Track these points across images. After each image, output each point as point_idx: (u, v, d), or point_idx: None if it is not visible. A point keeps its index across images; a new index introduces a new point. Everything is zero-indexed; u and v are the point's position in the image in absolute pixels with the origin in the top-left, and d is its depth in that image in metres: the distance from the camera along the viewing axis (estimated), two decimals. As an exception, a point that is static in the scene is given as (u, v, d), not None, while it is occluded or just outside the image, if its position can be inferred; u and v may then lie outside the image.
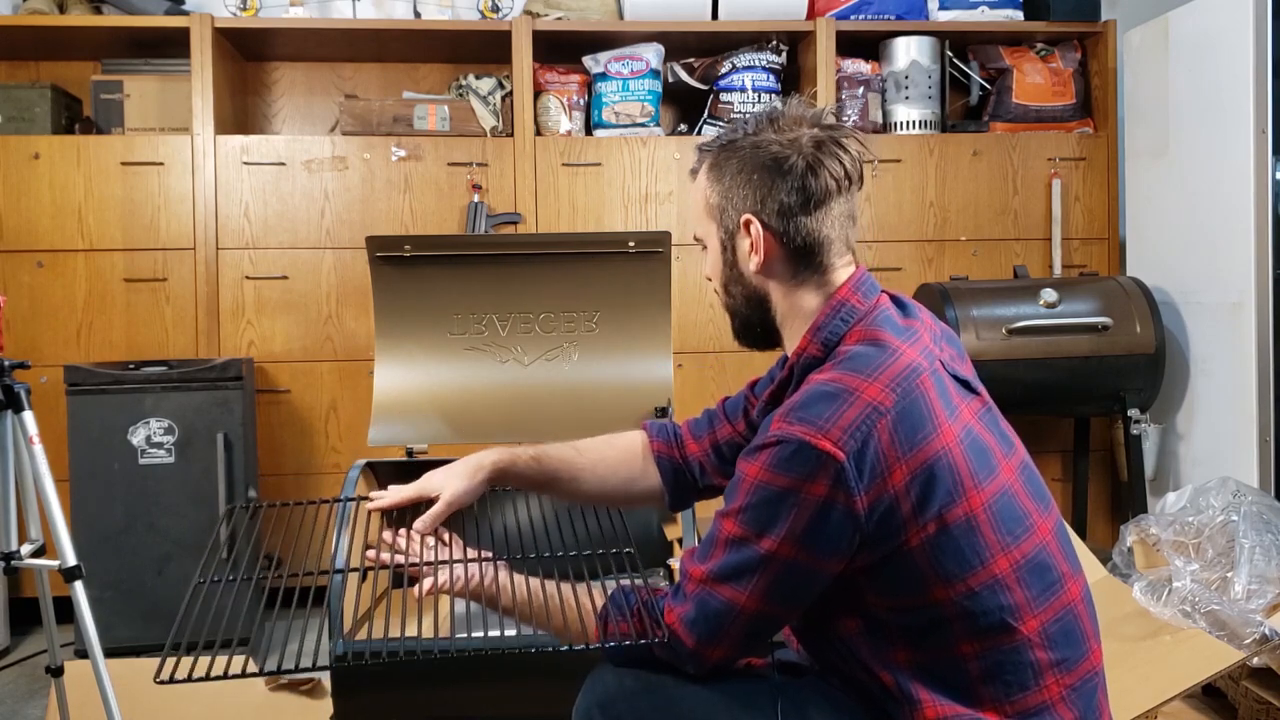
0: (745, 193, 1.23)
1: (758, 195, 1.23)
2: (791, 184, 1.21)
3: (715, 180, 1.26)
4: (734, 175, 1.24)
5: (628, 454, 1.50)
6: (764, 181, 1.22)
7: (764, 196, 1.22)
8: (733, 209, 1.25)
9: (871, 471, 1.09)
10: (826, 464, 1.08)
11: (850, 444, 1.08)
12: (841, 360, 1.17)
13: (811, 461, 1.08)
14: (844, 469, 1.08)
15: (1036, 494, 1.20)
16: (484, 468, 1.42)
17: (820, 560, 1.11)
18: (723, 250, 1.28)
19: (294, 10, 3.26)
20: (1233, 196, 2.92)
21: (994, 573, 1.12)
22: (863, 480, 1.08)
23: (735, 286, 1.29)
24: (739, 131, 1.26)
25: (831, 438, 1.08)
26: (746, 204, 1.23)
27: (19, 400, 1.93)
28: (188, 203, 3.18)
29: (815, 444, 1.08)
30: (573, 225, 3.29)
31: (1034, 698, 1.13)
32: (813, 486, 1.08)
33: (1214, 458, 3.04)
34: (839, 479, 1.08)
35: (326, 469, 3.23)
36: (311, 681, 2.28)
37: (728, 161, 1.25)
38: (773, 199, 1.22)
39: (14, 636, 3.02)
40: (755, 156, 1.23)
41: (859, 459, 1.08)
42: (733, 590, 1.13)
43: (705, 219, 1.29)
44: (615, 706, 1.19)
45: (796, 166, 1.21)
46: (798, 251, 1.23)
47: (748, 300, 1.29)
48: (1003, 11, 3.51)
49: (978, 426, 1.18)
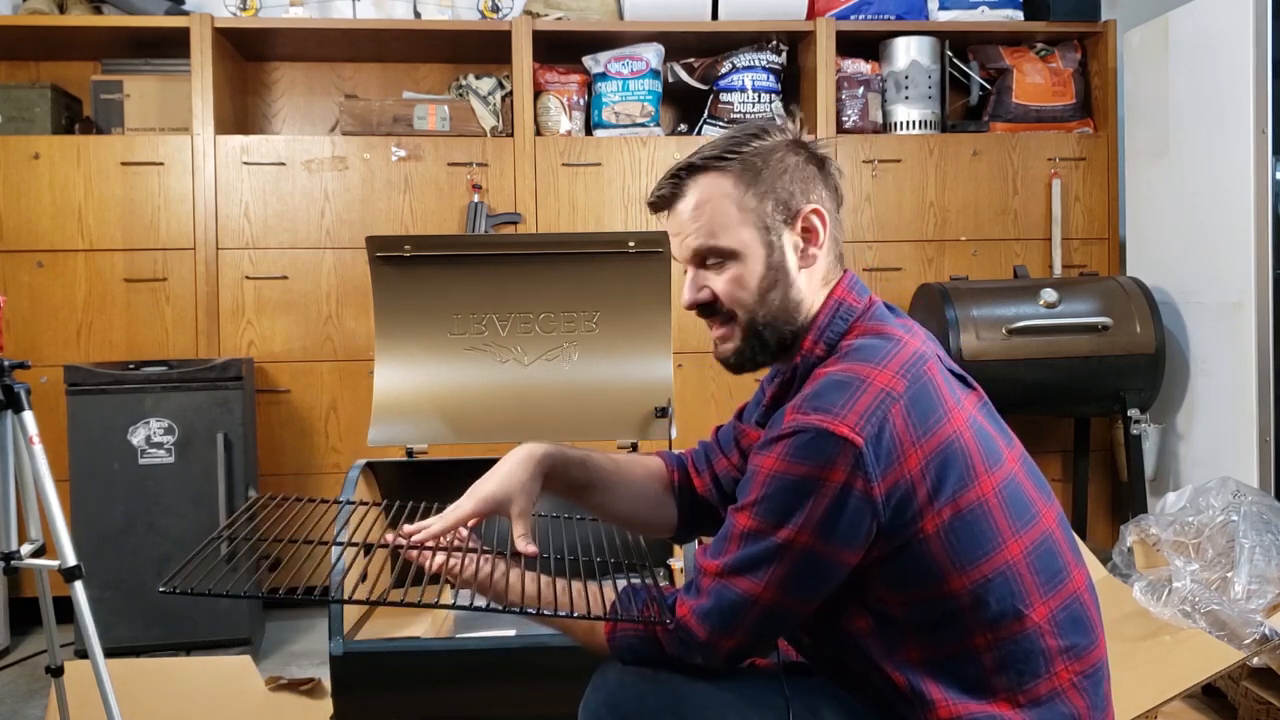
0: (795, 188, 1.23)
1: (812, 188, 1.24)
2: (832, 181, 1.26)
3: (748, 184, 1.22)
4: (777, 174, 1.22)
5: (653, 480, 1.46)
6: (814, 176, 1.25)
7: (820, 190, 1.25)
8: (782, 205, 1.23)
9: (888, 457, 1.09)
10: (845, 450, 1.08)
11: (868, 429, 1.09)
12: (848, 353, 1.18)
13: (830, 448, 1.08)
14: (862, 454, 1.08)
15: (1039, 485, 1.22)
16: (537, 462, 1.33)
17: (837, 550, 1.11)
18: (769, 252, 1.22)
19: (294, 10, 3.26)
20: (1233, 196, 2.92)
21: (1006, 559, 1.13)
22: (880, 465, 1.09)
23: (777, 291, 1.23)
24: (738, 142, 1.23)
25: (849, 424, 1.09)
26: (808, 196, 1.24)
27: (19, 400, 1.93)
28: (188, 203, 3.18)
29: (833, 430, 1.08)
30: (573, 225, 3.29)
31: (1045, 685, 1.13)
32: (832, 473, 1.09)
33: (1214, 458, 3.04)
34: (857, 464, 1.08)
35: (326, 469, 3.23)
36: (311, 681, 2.28)
37: (764, 164, 1.22)
38: (824, 191, 1.25)
39: (14, 636, 3.02)
40: (795, 153, 1.24)
41: (876, 444, 1.09)
42: (749, 581, 1.13)
43: (738, 227, 1.22)
44: (624, 705, 1.18)
45: (829, 166, 1.26)
46: (832, 248, 1.27)
47: (785, 306, 1.23)
48: (1003, 11, 3.51)
49: (980, 417, 1.20)
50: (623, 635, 1.22)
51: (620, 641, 1.22)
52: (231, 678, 2.26)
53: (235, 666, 2.30)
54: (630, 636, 1.21)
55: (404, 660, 1.85)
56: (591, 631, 1.24)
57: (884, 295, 3.66)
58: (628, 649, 1.22)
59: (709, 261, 1.24)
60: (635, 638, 1.21)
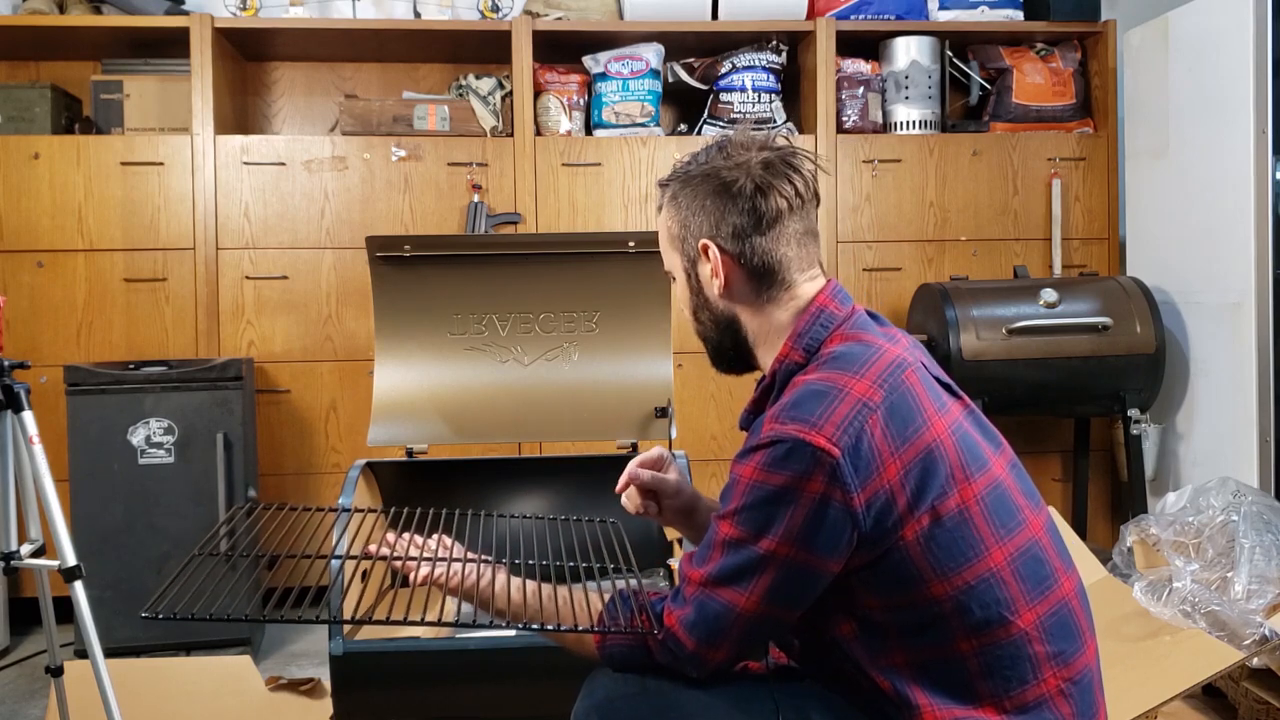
0: (700, 219, 1.27)
1: (711, 220, 1.26)
2: (742, 206, 1.24)
3: (674, 211, 1.30)
4: (689, 203, 1.27)
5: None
6: (716, 206, 1.25)
7: (717, 220, 1.25)
8: (691, 236, 1.28)
9: (866, 468, 1.09)
10: (822, 461, 1.08)
11: (844, 440, 1.09)
12: (826, 360, 1.19)
13: (807, 459, 1.09)
14: (839, 465, 1.08)
15: (1027, 492, 1.21)
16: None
17: (819, 559, 1.11)
18: (688, 278, 1.31)
19: (294, 10, 3.26)
20: (1233, 196, 2.92)
21: (989, 566, 1.13)
22: (858, 476, 1.09)
23: (704, 313, 1.32)
24: (693, 163, 1.29)
25: (825, 434, 1.09)
26: (703, 229, 1.27)
27: (19, 400, 1.93)
28: (187, 203, 3.18)
29: (810, 441, 1.09)
30: (573, 225, 3.29)
31: (1032, 691, 1.13)
32: (809, 484, 1.09)
33: (1214, 458, 3.04)
34: (834, 476, 1.08)
35: (326, 469, 3.23)
36: (311, 681, 2.28)
37: (683, 191, 1.28)
38: (726, 222, 1.25)
39: (14, 636, 3.02)
40: (706, 183, 1.26)
41: (854, 455, 1.09)
42: (732, 592, 1.14)
43: (669, 250, 1.32)
44: (615, 711, 1.19)
45: (745, 189, 1.23)
46: (756, 271, 1.26)
47: (717, 325, 1.31)
48: (1003, 11, 3.51)
49: (965, 424, 1.20)
50: (612, 644, 1.22)
51: (610, 649, 1.23)
52: (231, 678, 2.26)
53: (235, 666, 2.30)
54: (619, 645, 1.22)
55: (404, 660, 1.84)
56: (581, 640, 1.25)
57: (884, 295, 3.67)
58: (618, 656, 1.23)
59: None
60: (625, 646, 1.22)
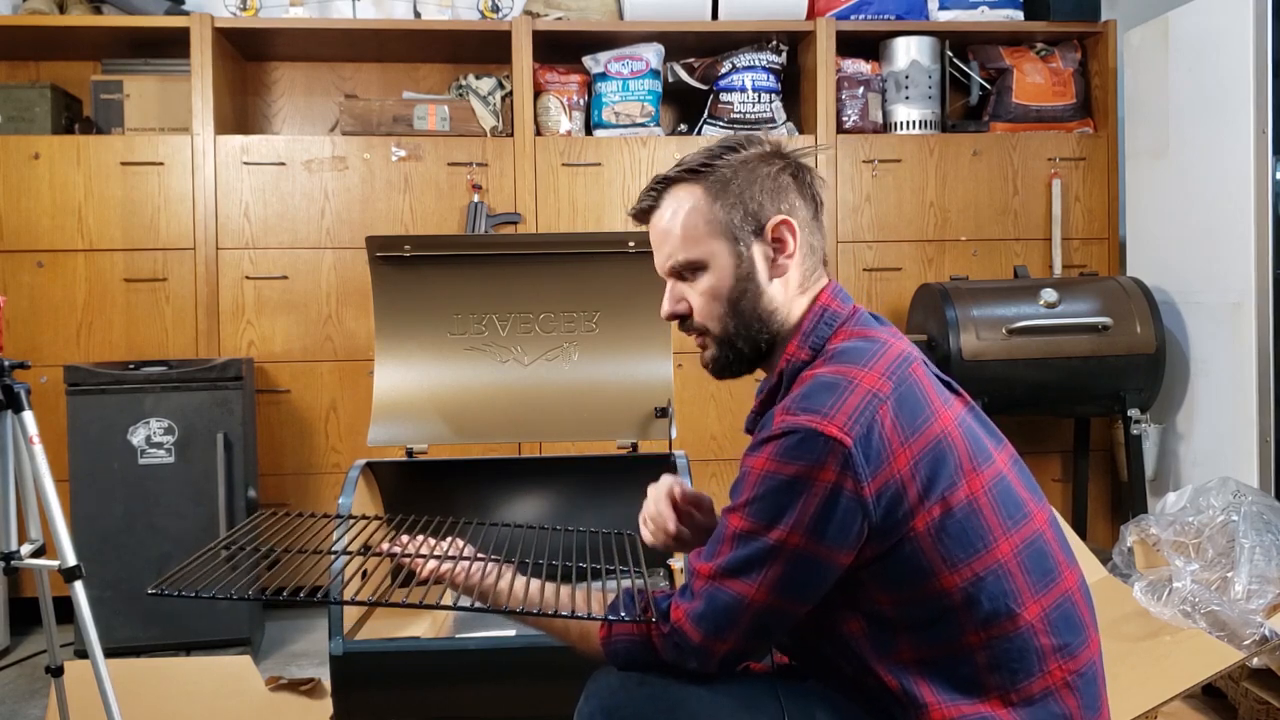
0: (764, 199, 1.25)
1: (782, 199, 1.26)
2: (806, 190, 1.27)
3: (717, 196, 1.25)
4: (747, 185, 1.25)
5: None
6: (786, 186, 1.26)
7: (791, 200, 1.26)
8: (751, 217, 1.25)
9: (877, 457, 1.10)
10: (834, 449, 1.09)
11: (856, 429, 1.10)
12: (834, 355, 1.20)
13: (819, 448, 1.09)
14: (851, 454, 1.09)
15: (1029, 486, 1.23)
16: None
17: (829, 550, 1.11)
18: (737, 264, 1.25)
19: (294, 10, 3.26)
20: (1233, 196, 2.92)
21: (997, 557, 1.13)
22: (869, 466, 1.10)
23: (747, 301, 1.25)
24: (713, 154, 1.27)
25: (837, 424, 1.10)
26: (778, 207, 1.25)
27: (19, 400, 1.93)
28: (187, 203, 3.18)
29: (822, 430, 1.09)
30: (573, 225, 3.29)
31: (1038, 684, 1.14)
32: (821, 473, 1.09)
33: (1214, 458, 3.04)
34: (847, 464, 1.09)
35: (326, 469, 3.23)
36: (311, 681, 2.28)
37: (733, 176, 1.25)
38: (799, 203, 1.26)
39: (14, 636, 3.02)
40: (765, 166, 1.25)
41: (865, 444, 1.10)
42: (742, 584, 1.14)
43: (707, 239, 1.25)
44: (619, 710, 1.18)
45: (805, 175, 1.26)
46: (807, 257, 1.27)
47: (757, 315, 1.26)
48: (1003, 11, 3.51)
49: (968, 417, 1.22)
50: (617, 639, 1.22)
51: (615, 645, 1.22)
52: (231, 678, 2.26)
53: (235, 666, 2.30)
54: (624, 641, 1.22)
55: (404, 660, 1.85)
56: (586, 636, 1.25)
57: (884, 295, 3.68)
58: (622, 653, 1.22)
59: (685, 274, 1.29)
60: (629, 642, 1.21)
